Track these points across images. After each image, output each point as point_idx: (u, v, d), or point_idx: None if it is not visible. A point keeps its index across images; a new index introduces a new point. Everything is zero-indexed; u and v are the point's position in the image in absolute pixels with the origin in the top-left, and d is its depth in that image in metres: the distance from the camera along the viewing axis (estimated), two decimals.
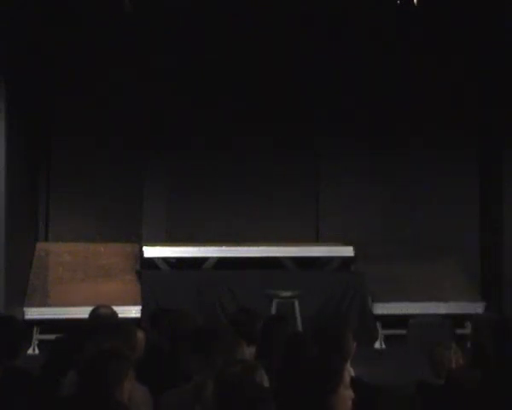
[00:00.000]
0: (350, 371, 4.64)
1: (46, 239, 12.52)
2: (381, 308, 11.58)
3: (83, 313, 7.42)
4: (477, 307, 11.61)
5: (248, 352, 5.41)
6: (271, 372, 4.61)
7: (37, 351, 10.60)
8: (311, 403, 3.71)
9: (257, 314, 6.37)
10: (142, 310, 10.88)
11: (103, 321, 6.06)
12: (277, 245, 12.12)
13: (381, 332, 11.48)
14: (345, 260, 12.08)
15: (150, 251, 11.61)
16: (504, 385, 4.31)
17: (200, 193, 12.79)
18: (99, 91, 12.48)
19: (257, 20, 12.30)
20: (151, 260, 11.59)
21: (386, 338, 11.46)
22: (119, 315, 10.35)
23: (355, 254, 11.91)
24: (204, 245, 11.90)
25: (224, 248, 11.88)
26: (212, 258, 11.74)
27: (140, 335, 5.66)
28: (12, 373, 5.05)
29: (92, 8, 11.84)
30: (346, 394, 3.77)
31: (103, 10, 11.74)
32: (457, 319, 11.35)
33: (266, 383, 4.21)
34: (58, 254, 11.92)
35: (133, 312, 10.83)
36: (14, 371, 5.11)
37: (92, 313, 6.48)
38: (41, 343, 10.62)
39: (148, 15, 11.90)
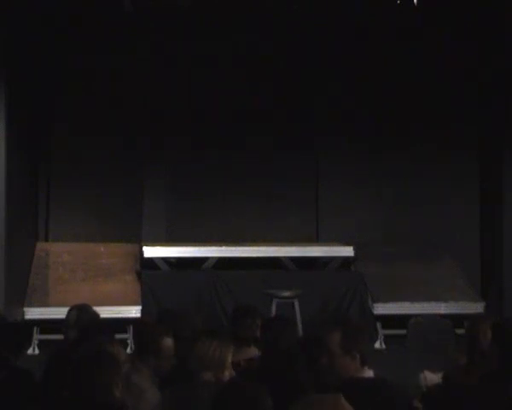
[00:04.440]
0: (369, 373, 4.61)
1: (46, 239, 12.53)
2: (381, 308, 11.58)
3: None
4: (477, 307, 11.60)
5: (249, 352, 5.41)
6: (271, 373, 4.60)
7: (37, 351, 10.60)
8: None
9: (256, 312, 6.35)
10: (142, 310, 10.89)
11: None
12: (277, 245, 12.12)
13: (381, 332, 11.48)
14: (345, 260, 12.08)
15: (150, 251, 11.61)
16: (504, 385, 4.32)
17: (200, 193, 12.79)
18: (99, 91, 12.49)
19: (257, 20, 12.30)
20: (151, 260, 11.59)
21: (386, 338, 11.46)
22: (119, 315, 10.57)
23: (355, 254, 11.92)
24: (204, 245, 11.90)
25: (223, 248, 11.88)
26: (212, 258, 11.74)
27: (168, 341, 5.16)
28: (12, 373, 5.05)
29: (92, 7, 11.83)
30: None
31: (103, 10, 11.75)
32: (457, 319, 11.35)
33: None
34: (58, 254, 11.91)
35: (133, 312, 10.83)
36: (15, 371, 5.11)
37: (73, 314, 6.09)
38: (41, 343, 10.62)
39: (148, 15, 11.90)
